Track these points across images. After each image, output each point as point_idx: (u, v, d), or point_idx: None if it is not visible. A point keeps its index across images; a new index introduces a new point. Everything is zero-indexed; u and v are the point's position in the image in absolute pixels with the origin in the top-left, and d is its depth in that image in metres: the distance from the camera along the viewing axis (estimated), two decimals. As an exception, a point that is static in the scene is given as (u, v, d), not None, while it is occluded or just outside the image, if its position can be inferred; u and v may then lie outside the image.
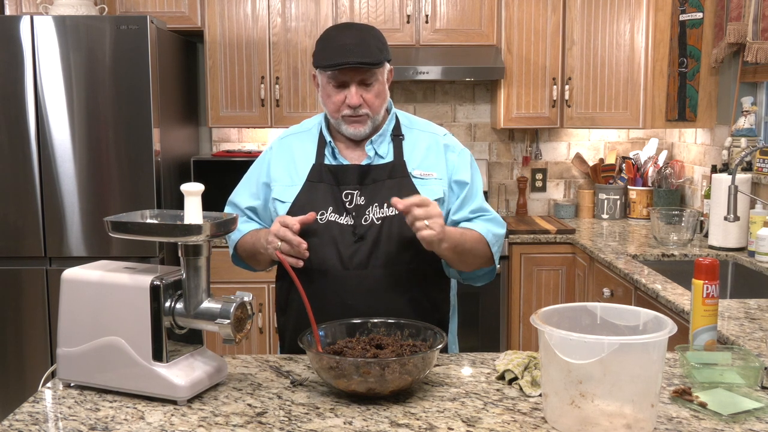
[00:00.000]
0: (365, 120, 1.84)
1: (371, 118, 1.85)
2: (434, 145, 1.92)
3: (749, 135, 3.44)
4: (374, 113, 1.85)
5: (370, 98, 1.83)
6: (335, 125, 1.88)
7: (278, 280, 1.96)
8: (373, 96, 1.83)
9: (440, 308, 1.92)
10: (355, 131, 1.85)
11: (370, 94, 1.83)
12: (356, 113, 1.83)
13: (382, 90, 1.86)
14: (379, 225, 1.81)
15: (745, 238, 3.12)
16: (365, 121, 1.85)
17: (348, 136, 1.87)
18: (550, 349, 1.33)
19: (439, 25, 3.89)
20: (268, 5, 3.87)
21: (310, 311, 1.55)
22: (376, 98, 1.84)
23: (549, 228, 3.77)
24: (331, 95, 1.84)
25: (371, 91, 1.83)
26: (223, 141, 4.32)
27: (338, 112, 1.84)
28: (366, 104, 1.83)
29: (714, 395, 1.48)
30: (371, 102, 1.83)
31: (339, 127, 1.87)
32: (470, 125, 4.33)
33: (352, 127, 1.85)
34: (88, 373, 1.53)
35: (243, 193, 2.00)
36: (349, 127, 1.85)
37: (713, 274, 1.70)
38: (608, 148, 4.34)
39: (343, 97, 1.82)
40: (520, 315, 3.74)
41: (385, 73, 1.87)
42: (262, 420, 1.40)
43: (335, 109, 1.84)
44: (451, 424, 1.38)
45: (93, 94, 3.37)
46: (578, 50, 3.90)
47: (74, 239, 3.44)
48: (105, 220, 1.51)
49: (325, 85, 1.85)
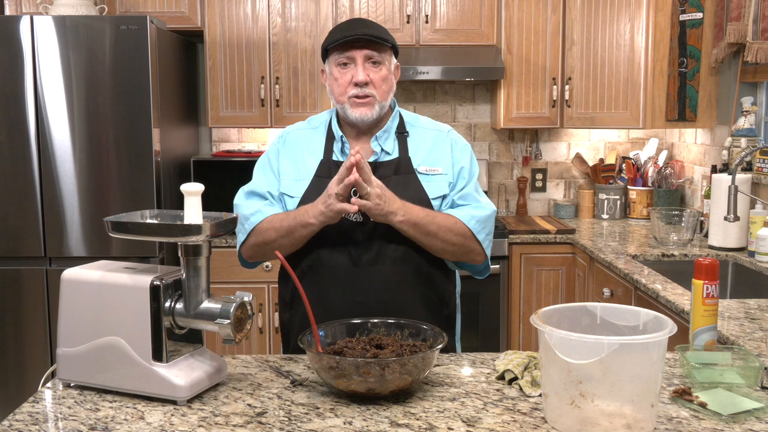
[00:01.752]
0: (372, 102, 1.84)
1: (378, 102, 1.84)
2: (439, 142, 1.93)
3: (749, 135, 3.44)
4: (381, 97, 1.85)
5: (377, 79, 1.83)
6: (342, 112, 1.88)
7: (282, 277, 1.96)
8: (380, 78, 1.83)
9: (448, 304, 1.94)
10: (361, 115, 1.84)
11: (377, 75, 1.83)
12: (362, 92, 1.82)
13: (389, 77, 1.87)
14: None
15: (745, 238, 3.12)
16: (372, 104, 1.84)
17: (354, 120, 1.86)
18: (550, 349, 1.33)
19: (439, 25, 3.89)
20: (268, 5, 3.86)
21: (310, 310, 1.55)
22: (383, 82, 1.84)
23: (549, 228, 3.77)
24: (338, 78, 1.84)
25: (378, 72, 1.83)
26: (223, 141, 4.32)
27: (344, 95, 1.84)
28: (373, 84, 1.82)
29: (714, 395, 1.48)
30: (378, 83, 1.83)
31: (345, 113, 1.86)
32: (470, 125, 4.33)
33: (359, 110, 1.84)
34: (88, 373, 1.53)
35: (261, 182, 1.95)
36: (355, 110, 1.84)
37: (713, 274, 1.70)
38: (608, 148, 4.34)
39: (349, 76, 1.83)
40: (520, 315, 3.74)
41: (392, 62, 1.88)
42: (262, 420, 1.40)
43: (342, 92, 1.84)
44: (451, 424, 1.38)
45: (93, 94, 3.37)
46: (578, 50, 3.90)
47: (74, 239, 3.44)
48: (105, 220, 1.51)
49: (333, 70, 1.85)
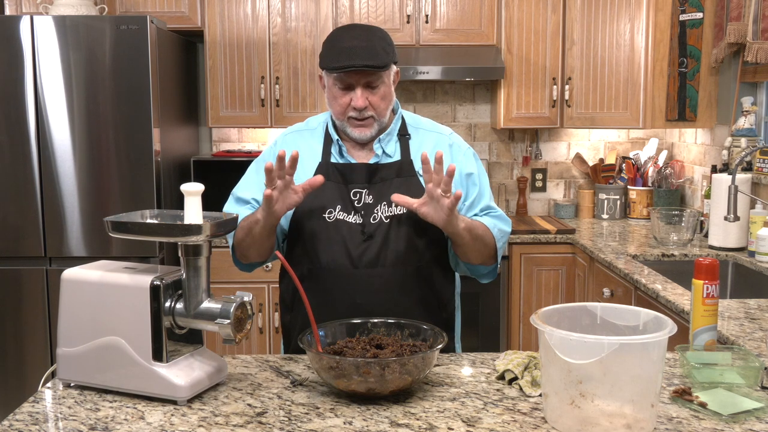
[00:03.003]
0: (370, 123, 1.85)
1: (377, 121, 1.86)
2: (440, 145, 1.93)
3: (749, 135, 3.44)
4: (380, 116, 1.85)
5: (375, 101, 1.83)
6: (341, 127, 1.89)
7: (283, 278, 1.96)
8: (378, 99, 1.83)
9: (447, 307, 1.94)
10: (360, 135, 1.86)
11: (375, 97, 1.83)
12: (362, 116, 1.83)
13: (388, 92, 1.86)
14: (387, 223, 1.82)
15: (745, 238, 3.12)
16: (370, 125, 1.85)
17: (353, 138, 1.88)
18: (550, 349, 1.33)
19: (439, 25, 3.89)
20: (268, 5, 3.86)
21: (310, 311, 1.55)
22: (381, 101, 1.84)
23: (549, 228, 3.77)
24: (337, 97, 1.84)
25: (377, 93, 1.83)
26: (223, 141, 4.32)
27: (344, 115, 1.85)
28: (371, 107, 1.83)
29: (714, 395, 1.48)
30: (377, 105, 1.83)
31: (344, 130, 1.88)
32: (470, 125, 4.33)
33: (358, 130, 1.85)
34: (88, 373, 1.53)
35: (249, 187, 1.96)
36: (355, 130, 1.86)
37: (713, 274, 1.70)
38: (608, 148, 4.34)
39: (348, 99, 1.83)
40: (520, 315, 3.74)
41: (391, 75, 1.87)
42: (262, 420, 1.40)
43: (341, 112, 1.85)
44: (451, 424, 1.38)
45: (93, 94, 3.37)
46: (578, 50, 3.90)
47: (74, 239, 3.44)
48: (105, 220, 1.51)
49: (331, 87, 1.85)
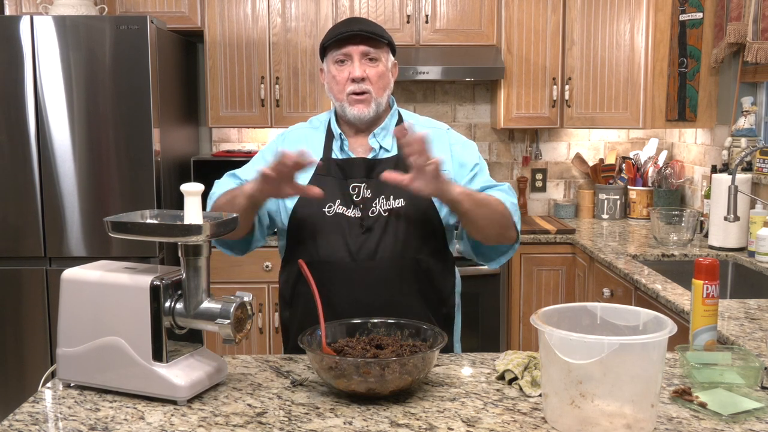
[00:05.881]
0: (369, 100, 1.86)
1: (374, 100, 1.87)
2: (438, 139, 1.92)
3: (749, 135, 3.44)
4: (377, 94, 1.87)
5: (373, 75, 1.85)
6: (340, 110, 1.90)
7: (283, 273, 1.96)
8: (376, 75, 1.86)
9: (447, 302, 1.94)
10: (359, 112, 1.86)
11: (373, 71, 1.85)
12: (360, 89, 1.84)
13: (386, 73, 1.89)
14: (386, 217, 1.83)
15: (745, 238, 3.12)
16: (369, 101, 1.86)
17: (352, 118, 1.88)
18: (550, 349, 1.33)
19: (439, 25, 3.89)
20: (268, 5, 3.86)
21: (321, 310, 1.55)
22: (379, 78, 1.86)
23: (549, 228, 3.77)
24: (336, 75, 1.87)
25: (375, 68, 1.86)
26: (223, 141, 4.32)
27: (343, 92, 1.86)
28: (369, 80, 1.85)
29: (714, 395, 1.48)
30: (374, 80, 1.85)
31: (344, 112, 1.88)
32: (470, 125, 4.33)
33: (356, 107, 1.86)
34: (88, 373, 1.53)
35: (247, 170, 1.98)
36: (353, 108, 1.86)
37: (713, 274, 1.70)
38: (608, 148, 4.34)
39: (347, 73, 1.85)
40: (520, 315, 3.74)
41: (389, 60, 1.90)
42: (262, 420, 1.40)
43: (340, 89, 1.87)
44: (451, 424, 1.38)
45: (93, 94, 3.36)
46: (578, 50, 3.90)
47: (74, 239, 3.44)
48: (105, 220, 1.51)
49: (331, 68, 1.88)
